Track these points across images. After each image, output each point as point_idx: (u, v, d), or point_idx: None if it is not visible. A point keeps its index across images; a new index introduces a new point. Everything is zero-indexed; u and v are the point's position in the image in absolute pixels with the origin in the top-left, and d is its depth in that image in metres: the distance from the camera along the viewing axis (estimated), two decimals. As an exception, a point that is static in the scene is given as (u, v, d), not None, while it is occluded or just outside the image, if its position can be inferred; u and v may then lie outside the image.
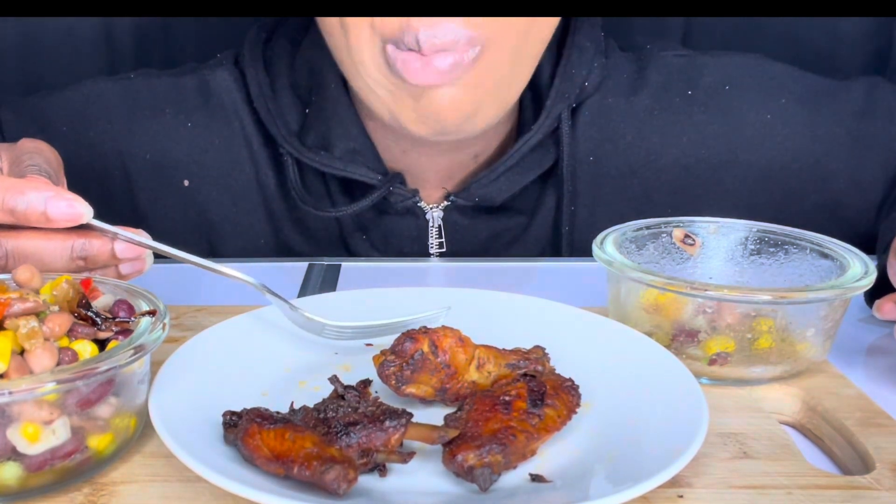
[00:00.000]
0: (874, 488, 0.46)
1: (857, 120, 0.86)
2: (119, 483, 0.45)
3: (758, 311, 0.55)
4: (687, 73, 0.87)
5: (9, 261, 0.54)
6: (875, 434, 0.51)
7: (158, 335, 0.47)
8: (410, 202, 0.84)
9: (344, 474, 0.41)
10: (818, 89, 0.88)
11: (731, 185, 0.87)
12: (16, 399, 0.41)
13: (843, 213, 0.87)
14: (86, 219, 0.54)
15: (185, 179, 0.86)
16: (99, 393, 0.44)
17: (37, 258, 0.54)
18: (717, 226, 0.66)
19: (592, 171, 0.86)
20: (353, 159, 0.82)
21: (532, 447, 0.46)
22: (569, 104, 0.83)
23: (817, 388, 0.56)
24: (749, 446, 0.49)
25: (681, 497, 0.44)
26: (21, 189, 0.53)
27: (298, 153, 0.82)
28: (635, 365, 0.54)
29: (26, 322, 0.44)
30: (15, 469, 0.42)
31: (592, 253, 0.61)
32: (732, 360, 0.56)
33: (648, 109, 0.86)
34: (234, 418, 0.46)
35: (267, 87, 0.84)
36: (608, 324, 0.59)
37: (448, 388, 0.51)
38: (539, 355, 0.54)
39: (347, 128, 0.82)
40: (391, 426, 0.44)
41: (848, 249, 0.61)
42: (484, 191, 0.84)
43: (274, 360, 0.56)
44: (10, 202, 0.53)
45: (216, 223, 0.88)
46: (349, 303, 0.62)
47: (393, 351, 0.51)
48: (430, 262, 0.85)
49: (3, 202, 0.53)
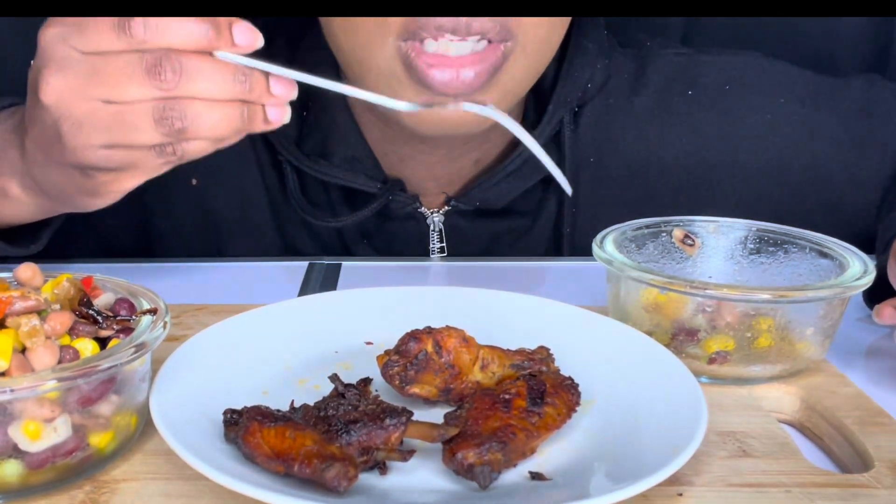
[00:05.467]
0: (873, 486, 0.46)
1: (857, 118, 0.87)
2: (120, 481, 0.45)
3: (757, 310, 0.56)
4: (687, 72, 0.87)
5: (181, 78, 0.51)
6: (874, 433, 0.51)
7: (159, 333, 0.47)
8: (411, 208, 0.84)
9: (344, 472, 0.41)
10: (817, 88, 0.88)
11: (731, 184, 0.87)
12: (17, 397, 0.41)
13: (842, 212, 0.87)
14: (260, 42, 0.53)
15: (193, 178, 0.86)
16: (100, 391, 0.44)
17: (207, 76, 0.51)
18: (716, 225, 0.66)
19: (593, 172, 0.86)
20: (352, 167, 0.81)
21: (532, 445, 0.46)
22: (571, 107, 0.83)
23: (816, 386, 0.56)
24: (748, 445, 0.49)
25: (680, 495, 0.45)
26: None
27: (297, 161, 0.82)
28: (635, 364, 0.54)
29: (28, 320, 0.44)
30: (16, 467, 0.43)
31: (592, 252, 0.61)
32: (732, 359, 0.56)
33: (649, 110, 0.86)
34: (234, 416, 0.46)
35: None
36: (608, 323, 0.59)
37: (452, 388, 0.51)
38: (544, 356, 0.54)
39: (345, 135, 0.81)
40: (391, 424, 0.44)
41: (847, 249, 0.61)
42: (485, 195, 0.83)
43: (274, 359, 0.56)
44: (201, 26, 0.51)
45: (223, 222, 0.88)
46: (349, 302, 0.62)
47: (397, 351, 0.51)
48: (430, 263, 0.85)
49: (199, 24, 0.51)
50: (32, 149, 0.59)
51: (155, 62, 0.51)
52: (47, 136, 0.55)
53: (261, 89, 0.53)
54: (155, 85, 0.51)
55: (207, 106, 0.52)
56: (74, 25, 0.52)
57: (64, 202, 0.63)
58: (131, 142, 0.53)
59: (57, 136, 0.54)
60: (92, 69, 0.52)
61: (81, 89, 0.52)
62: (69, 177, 0.58)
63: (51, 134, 0.55)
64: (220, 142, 0.54)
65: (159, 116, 0.52)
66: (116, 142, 0.53)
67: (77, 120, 0.53)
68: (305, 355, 0.57)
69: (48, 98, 0.53)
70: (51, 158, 0.57)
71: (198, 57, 0.51)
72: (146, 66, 0.51)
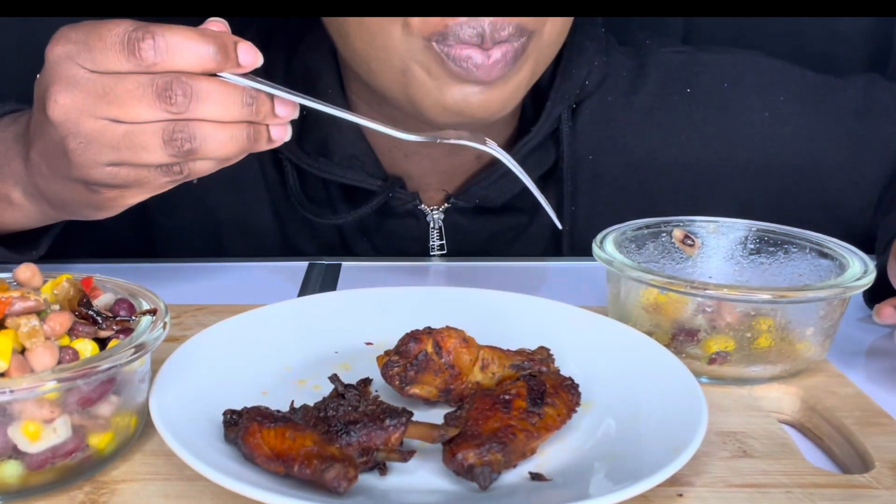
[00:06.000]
0: (873, 487, 0.46)
1: (856, 118, 0.86)
2: (120, 481, 0.45)
3: (757, 311, 0.55)
4: (686, 70, 0.87)
5: (191, 101, 0.52)
6: (874, 433, 0.51)
7: (159, 334, 0.47)
8: (411, 205, 0.84)
9: (344, 473, 0.41)
10: (817, 87, 0.88)
11: (730, 182, 0.87)
12: (17, 397, 0.41)
13: (841, 211, 0.87)
14: (261, 61, 0.54)
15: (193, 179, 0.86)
16: (100, 391, 0.44)
17: (217, 99, 0.52)
18: (716, 225, 0.66)
19: (592, 170, 0.86)
20: (352, 165, 0.82)
21: (532, 446, 0.46)
22: (569, 104, 0.83)
23: (817, 387, 0.56)
24: (748, 445, 0.49)
25: (680, 496, 0.45)
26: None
27: (297, 159, 0.82)
28: (635, 364, 0.54)
29: (27, 321, 0.44)
30: (16, 467, 0.43)
31: (592, 252, 0.61)
32: (732, 360, 0.56)
33: (648, 108, 0.86)
34: (234, 417, 0.46)
35: None
36: (608, 323, 0.59)
37: (452, 388, 0.51)
38: (544, 356, 0.54)
39: (345, 133, 0.81)
40: (391, 425, 0.44)
41: (847, 249, 0.61)
42: (484, 192, 0.83)
43: (274, 359, 0.56)
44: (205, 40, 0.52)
45: (224, 222, 0.88)
46: (349, 302, 0.62)
47: (397, 351, 0.51)
48: (430, 262, 0.85)
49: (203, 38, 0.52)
50: (38, 161, 0.59)
51: (165, 86, 0.51)
52: (53, 150, 0.56)
53: (266, 111, 0.54)
54: (165, 108, 0.51)
55: (216, 128, 0.53)
56: (83, 44, 0.52)
57: (67, 212, 0.63)
58: (139, 161, 0.53)
59: (63, 152, 0.54)
60: (101, 89, 0.52)
61: (90, 108, 0.52)
62: (74, 190, 0.58)
63: (57, 149, 0.55)
64: (226, 161, 0.55)
65: (169, 138, 0.52)
66: (124, 160, 0.53)
67: (85, 138, 0.53)
68: (305, 356, 0.57)
69: (56, 115, 0.53)
70: (56, 172, 0.57)
71: (207, 80, 0.52)
72: (157, 90, 0.51)
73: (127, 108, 0.52)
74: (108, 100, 0.52)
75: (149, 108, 0.52)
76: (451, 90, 0.68)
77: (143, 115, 0.52)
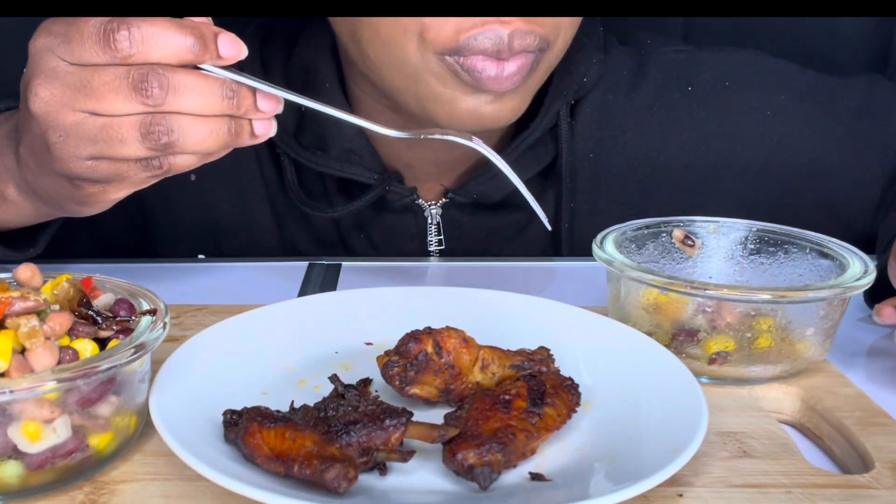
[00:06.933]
0: (873, 487, 0.46)
1: (857, 117, 0.86)
2: (120, 482, 0.45)
3: (757, 311, 0.55)
4: (686, 69, 0.87)
5: (168, 93, 0.51)
6: (874, 433, 0.51)
7: (159, 334, 0.47)
8: (409, 200, 0.84)
9: (344, 473, 0.41)
10: (817, 86, 0.88)
11: (730, 181, 0.87)
12: (17, 398, 0.41)
13: (841, 211, 0.87)
14: (244, 53, 0.53)
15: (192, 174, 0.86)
16: (100, 392, 0.44)
17: (195, 92, 0.52)
18: (716, 225, 0.66)
19: (592, 168, 0.86)
20: (350, 159, 0.82)
21: (532, 446, 0.46)
22: (567, 101, 0.83)
23: (817, 387, 0.56)
24: (749, 445, 0.49)
25: (680, 496, 0.45)
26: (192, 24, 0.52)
27: (295, 153, 0.82)
28: (635, 364, 0.54)
29: (27, 321, 0.44)
30: (16, 467, 0.43)
31: (592, 252, 0.61)
32: (732, 360, 0.56)
33: (648, 106, 0.86)
34: (234, 417, 0.46)
35: None
36: (608, 323, 0.59)
37: (452, 389, 0.51)
38: (544, 356, 0.54)
39: (343, 128, 0.81)
40: (391, 425, 0.44)
41: (847, 249, 0.61)
42: (482, 188, 0.83)
43: (274, 360, 0.56)
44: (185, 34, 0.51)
45: (221, 219, 0.88)
46: (349, 302, 0.62)
47: (397, 351, 0.51)
48: (430, 262, 0.85)
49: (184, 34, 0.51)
50: (25, 155, 0.59)
51: (141, 78, 0.51)
52: (37, 144, 0.56)
53: (248, 105, 0.53)
54: (141, 101, 0.51)
55: (194, 121, 0.52)
56: (62, 36, 0.52)
57: (57, 208, 0.63)
58: (117, 155, 0.53)
59: (45, 146, 0.54)
60: (79, 81, 0.52)
61: (69, 101, 0.52)
62: (59, 185, 0.58)
63: (40, 143, 0.55)
64: (208, 156, 0.55)
65: (146, 131, 0.52)
66: (103, 154, 0.53)
67: (64, 131, 0.53)
68: (305, 356, 0.57)
69: (36, 108, 0.53)
70: (42, 167, 0.57)
71: (185, 72, 0.52)
72: (132, 82, 0.51)
73: (104, 100, 0.51)
74: (86, 92, 0.52)
75: (125, 100, 0.51)
76: (463, 100, 0.69)
77: (119, 107, 0.52)
